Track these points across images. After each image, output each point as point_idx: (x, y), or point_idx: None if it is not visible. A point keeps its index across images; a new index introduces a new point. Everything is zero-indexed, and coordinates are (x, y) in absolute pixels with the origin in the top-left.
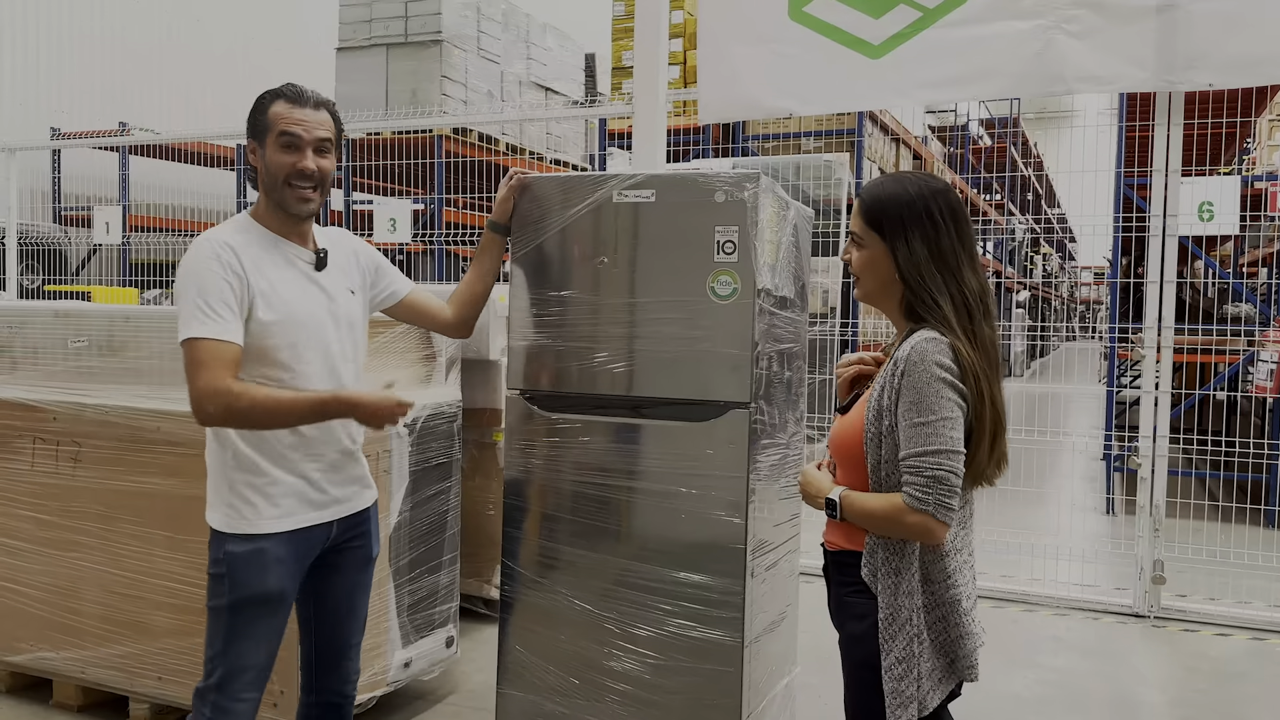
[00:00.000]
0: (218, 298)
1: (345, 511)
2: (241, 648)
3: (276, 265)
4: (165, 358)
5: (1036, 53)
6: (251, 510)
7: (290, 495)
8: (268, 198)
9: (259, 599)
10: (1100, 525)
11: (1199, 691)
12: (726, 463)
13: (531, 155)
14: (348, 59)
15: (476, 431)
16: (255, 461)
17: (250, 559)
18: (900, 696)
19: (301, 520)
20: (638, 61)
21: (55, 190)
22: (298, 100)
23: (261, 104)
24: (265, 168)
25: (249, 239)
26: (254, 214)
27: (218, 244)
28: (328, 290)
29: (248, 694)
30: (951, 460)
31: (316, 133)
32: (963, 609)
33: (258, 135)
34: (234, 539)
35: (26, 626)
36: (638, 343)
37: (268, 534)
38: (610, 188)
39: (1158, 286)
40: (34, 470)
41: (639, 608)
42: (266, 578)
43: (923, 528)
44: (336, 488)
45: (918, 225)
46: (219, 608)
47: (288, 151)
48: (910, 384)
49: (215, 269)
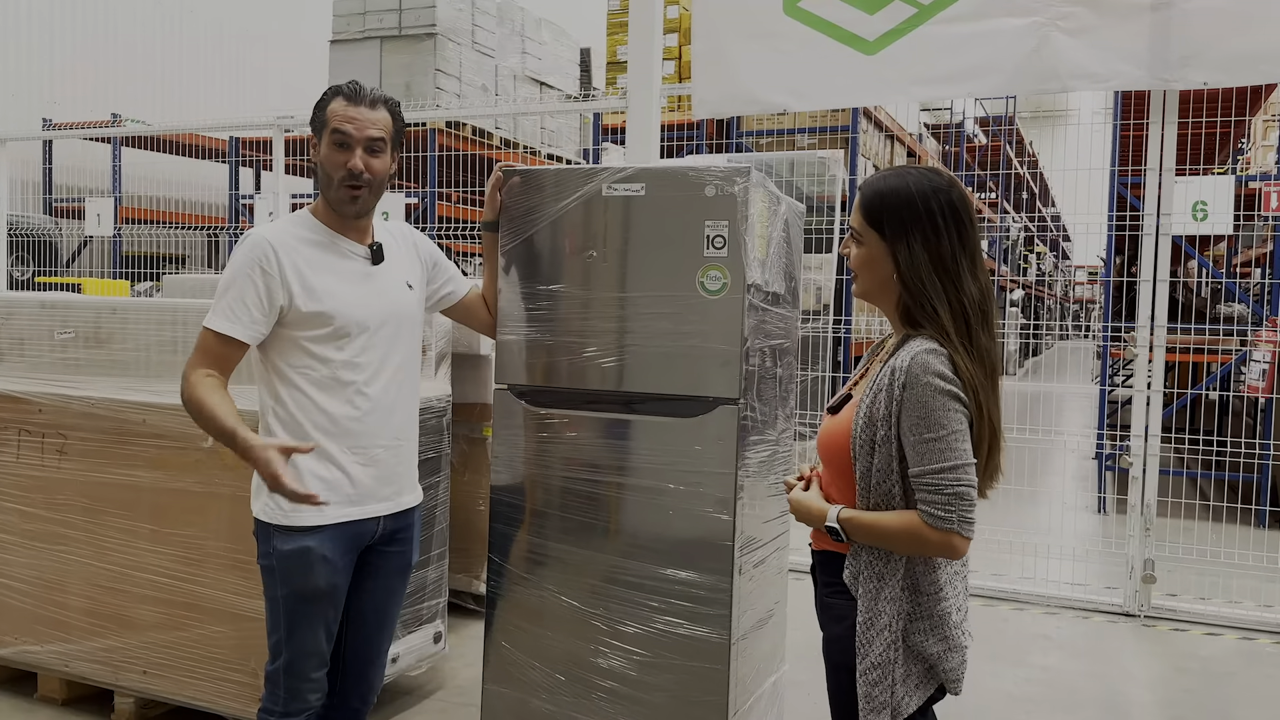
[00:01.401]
0: (238, 294)
1: (390, 509)
2: (303, 635)
3: (328, 259)
4: (152, 350)
5: (1031, 50)
6: (288, 503)
7: (327, 489)
8: (323, 194)
9: (310, 595)
10: (1091, 524)
11: (1188, 691)
12: (715, 459)
13: (525, 150)
14: (341, 51)
15: (466, 426)
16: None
17: (296, 557)
18: (873, 701)
19: (340, 515)
20: (632, 56)
21: (46, 181)
22: (354, 98)
23: (323, 100)
24: (320, 165)
25: (301, 235)
26: (313, 209)
27: (260, 240)
28: (382, 284)
29: (315, 674)
30: (968, 474)
31: (368, 131)
32: (952, 622)
33: (317, 133)
34: (279, 533)
35: (11, 619)
36: (627, 337)
37: (308, 528)
38: (600, 181)
39: (1151, 286)
40: (19, 462)
41: (626, 604)
42: (313, 576)
43: (947, 545)
44: (379, 484)
45: (918, 227)
46: (275, 598)
47: (339, 150)
48: (914, 398)
49: (247, 266)
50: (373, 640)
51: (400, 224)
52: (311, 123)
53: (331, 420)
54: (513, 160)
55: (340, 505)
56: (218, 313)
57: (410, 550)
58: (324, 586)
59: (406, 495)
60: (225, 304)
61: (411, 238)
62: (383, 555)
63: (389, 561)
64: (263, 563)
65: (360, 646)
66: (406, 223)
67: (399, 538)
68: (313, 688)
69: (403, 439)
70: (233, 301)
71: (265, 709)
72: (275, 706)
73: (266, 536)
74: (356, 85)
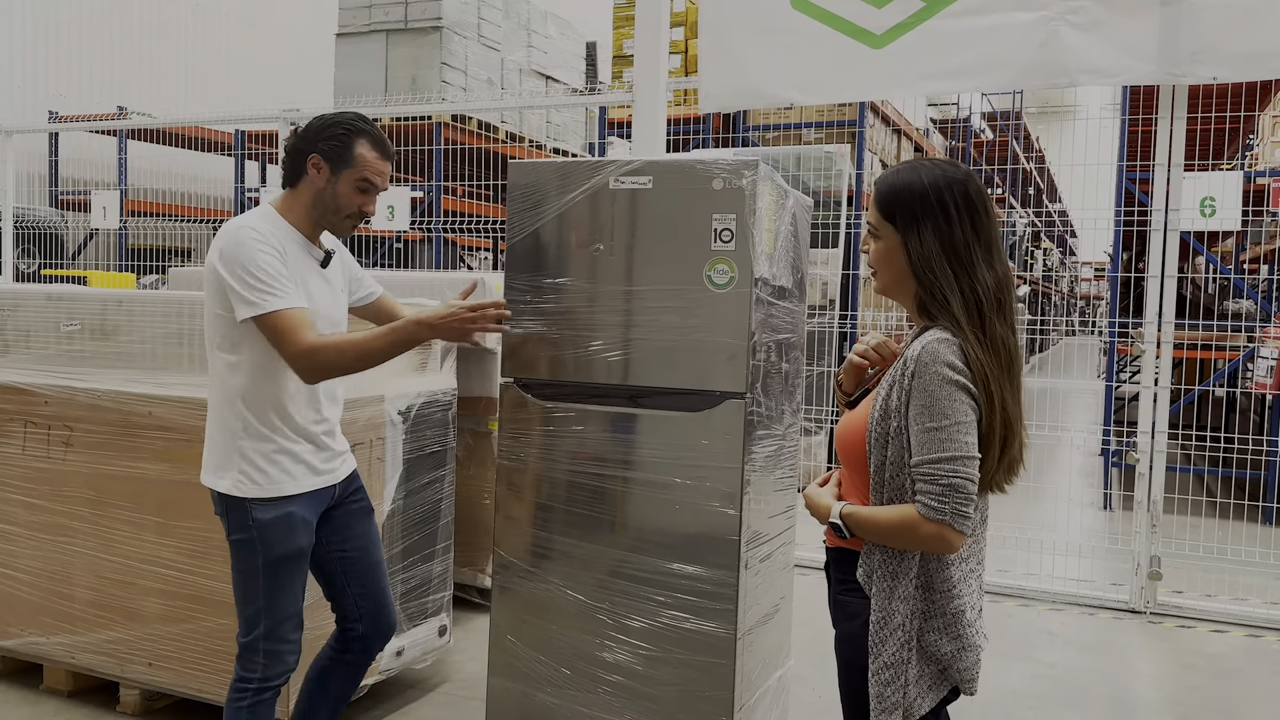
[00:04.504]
0: (273, 274)
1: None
2: (282, 599)
3: (299, 259)
4: (158, 342)
5: (1040, 44)
6: (264, 476)
7: (300, 462)
8: (312, 213)
9: (291, 556)
10: (1098, 520)
11: (1194, 688)
12: (722, 453)
13: (531, 143)
14: (347, 45)
15: (472, 420)
16: (261, 432)
17: (279, 522)
18: (885, 701)
19: (312, 483)
20: (638, 50)
21: (53, 174)
22: (383, 151)
23: (347, 135)
24: (330, 194)
25: (278, 232)
26: (281, 210)
27: (258, 231)
28: (333, 286)
29: (293, 636)
30: (967, 466)
31: (387, 183)
32: (966, 620)
33: (333, 163)
34: (259, 505)
35: (17, 611)
36: (633, 331)
37: (290, 495)
38: (607, 174)
39: (1158, 282)
40: (25, 454)
41: (632, 599)
42: (296, 536)
43: (938, 538)
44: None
45: (930, 216)
46: (252, 569)
47: (360, 194)
48: (921, 386)
49: (265, 250)
50: (372, 582)
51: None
52: (326, 151)
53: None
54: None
55: (310, 476)
56: (273, 295)
57: (365, 498)
58: (305, 544)
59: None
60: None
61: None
62: (343, 509)
63: (353, 510)
64: (238, 536)
65: (365, 590)
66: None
67: (353, 490)
68: (290, 649)
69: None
70: (276, 281)
71: (242, 679)
72: (254, 674)
73: (242, 510)
74: (380, 134)
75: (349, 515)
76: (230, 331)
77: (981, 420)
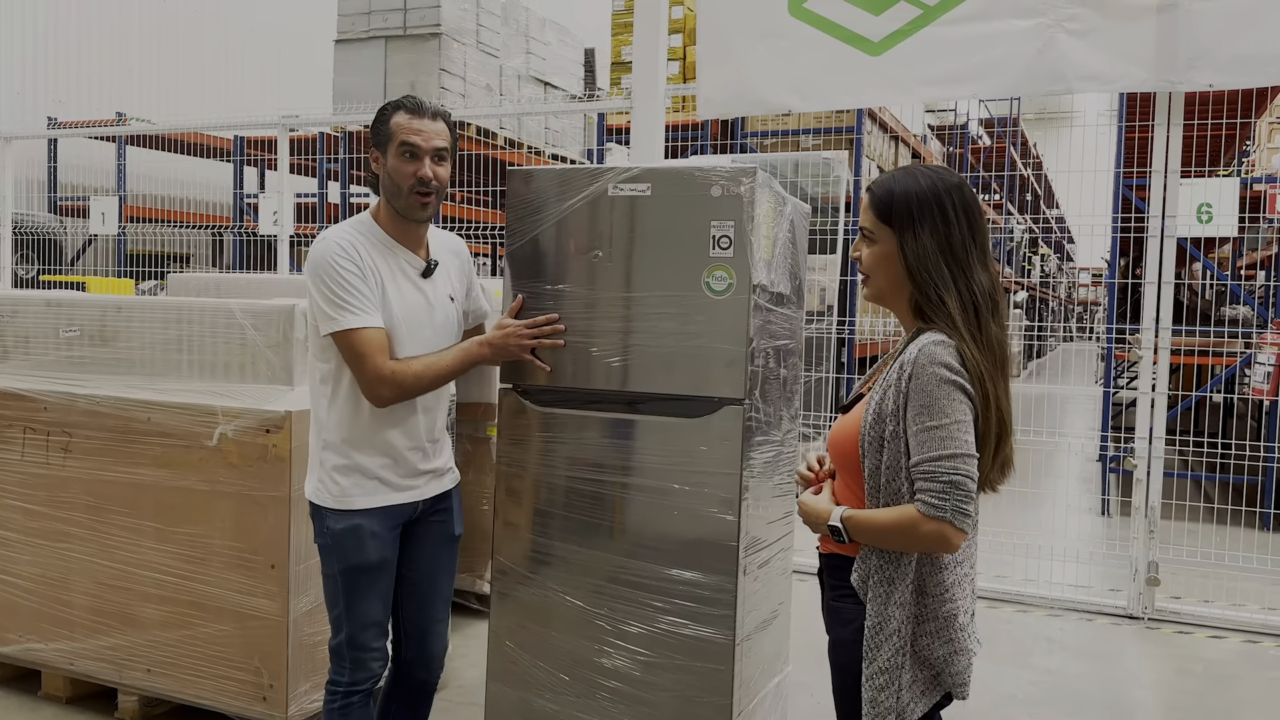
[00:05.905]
0: (354, 291)
1: (427, 494)
2: (362, 606)
3: (389, 269)
4: (157, 348)
5: (1037, 51)
6: (336, 488)
7: (372, 478)
8: (389, 204)
9: (365, 568)
10: (1095, 526)
11: (1191, 693)
12: (720, 459)
13: (530, 150)
14: (346, 51)
15: (470, 425)
16: (338, 445)
17: (348, 534)
18: (878, 707)
19: (384, 499)
20: (636, 56)
21: (51, 180)
22: (417, 111)
23: (384, 115)
24: (388, 175)
25: (368, 241)
26: (374, 216)
27: (344, 243)
28: (429, 297)
29: (375, 644)
30: (967, 464)
31: (434, 142)
32: (959, 624)
33: (380, 144)
34: (331, 514)
35: (15, 617)
36: (632, 337)
37: (358, 509)
38: (606, 181)
39: (1155, 288)
40: (24, 460)
41: (630, 604)
42: (366, 550)
43: (939, 536)
44: (413, 478)
45: (928, 218)
46: (331, 575)
47: (408, 161)
48: (918, 387)
49: (347, 265)
50: (426, 609)
51: (452, 238)
52: (373, 136)
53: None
54: (516, 160)
55: (384, 492)
56: (350, 311)
57: (452, 521)
58: (376, 558)
59: (444, 480)
60: (352, 301)
61: (463, 254)
62: (425, 526)
63: (432, 530)
64: (319, 541)
65: (415, 616)
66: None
67: (439, 509)
68: (375, 656)
69: (438, 436)
70: (353, 296)
71: (333, 681)
72: (342, 678)
73: (320, 517)
74: (416, 99)
75: (422, 535)
76: (321, 340)
77: (978, 419)
